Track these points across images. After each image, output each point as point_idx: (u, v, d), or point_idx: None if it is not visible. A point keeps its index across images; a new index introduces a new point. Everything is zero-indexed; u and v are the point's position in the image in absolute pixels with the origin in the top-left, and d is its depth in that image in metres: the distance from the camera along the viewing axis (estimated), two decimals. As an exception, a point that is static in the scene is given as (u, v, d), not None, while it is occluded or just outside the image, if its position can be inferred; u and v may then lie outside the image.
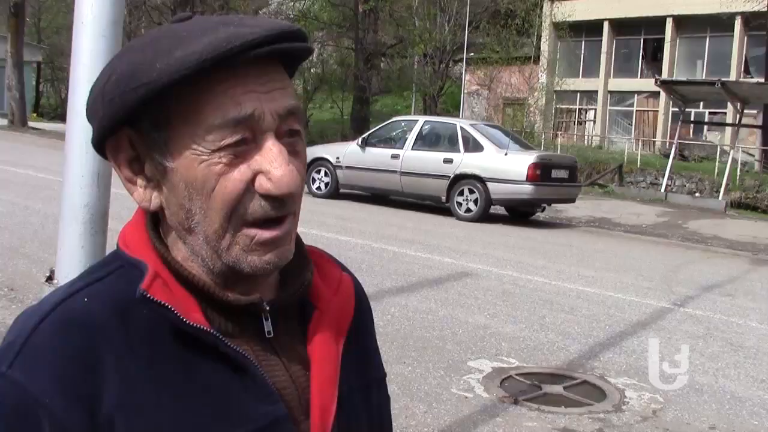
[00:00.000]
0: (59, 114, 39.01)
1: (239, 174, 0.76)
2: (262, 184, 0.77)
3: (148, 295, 0.76)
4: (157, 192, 0.81)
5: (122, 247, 0.83)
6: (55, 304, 0.76)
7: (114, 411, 0.72)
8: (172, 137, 0.77)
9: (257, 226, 0.78)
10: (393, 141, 14.30)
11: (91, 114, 0.80)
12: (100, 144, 0.81)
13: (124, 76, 0.76)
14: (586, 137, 34.49)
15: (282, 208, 0.79)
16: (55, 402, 0.71)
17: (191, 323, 0.76)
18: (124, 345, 0.75)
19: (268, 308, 0.83)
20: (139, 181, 0.82)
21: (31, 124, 29.11)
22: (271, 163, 0.76)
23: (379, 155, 13.90)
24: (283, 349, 0.84)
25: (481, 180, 12.77)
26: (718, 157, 23.46)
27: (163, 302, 0.76)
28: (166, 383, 0.75)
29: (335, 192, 14.37)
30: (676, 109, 24.66)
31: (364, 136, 14.79)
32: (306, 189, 10.71)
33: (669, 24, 32.65)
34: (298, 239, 0.89)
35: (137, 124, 0.79)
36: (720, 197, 18.78)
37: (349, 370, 0.89)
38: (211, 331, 0.77)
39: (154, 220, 0.84)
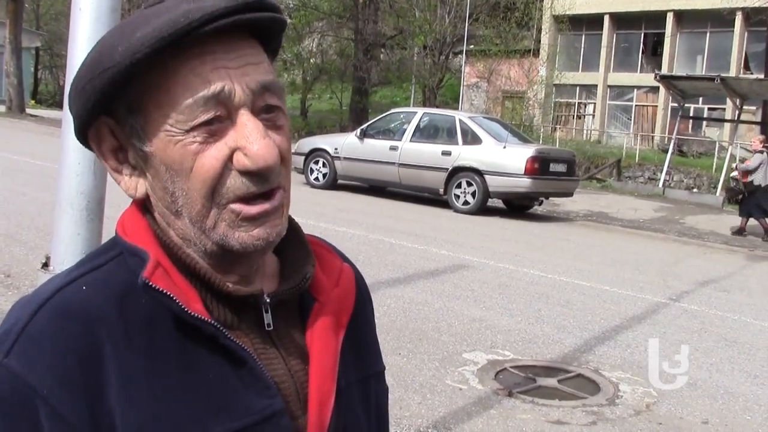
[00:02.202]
0: (57, 101, 38.93)
1: (216, 152, 0.76)
2: (239, 159, 0.76)
3: (151, 284, 0.75)
4: (142, 179, 0.81)
5: (121, 233, 0.82)
6: (53, 292, 0.75)
7: (113, 402, 0.72)
8: (147, 121, 0.77)
9: (242, 202, 0.77)
10: (391, 133, 14.28)
11: (70, 105, 0.80)
12: (82, 135, 0.81)
13: (92, 62, 0.76)
14: (584, 131, 34.50)
15: (265, 183, 0.77)
16: (54, 393, 0.70)
17: (192, 313, 0.75)
18: (123, 335, 0.74)
19: (268, 300, 0.82)
20: (125, 170, 0.81)
21: (28, 110, 29.04)
22: (247, 138, 0.75)
23: (377, 147, 13.89)
24: (282, 342, 0.84)
25: (479, 173, 12.77)
26: (716, 153, 23.48)
27: (165, 291, 0.75)
28: (165, 374, 0.74)
29: (333, 183, 14.37)
30: (676, 105, 24.66)
31: (362, 127, 14.78)
32: (304, 179, 10.72)
33: (669, 18, 32.61)
34: (299, 230, 0.89)
35: (114, 112, 0.78)
36: (717, 193, 18.81)
37: (347, 364, 0.89)
38: (212, 322, 0.76)
39: (146, 209, 0.83)
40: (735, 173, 13.99)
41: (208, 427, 0.75)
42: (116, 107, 0.78)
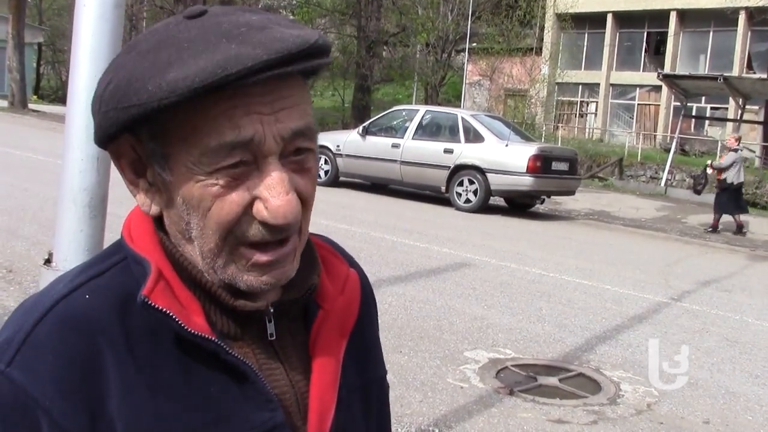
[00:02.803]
0: (60, 96, 38.97)
1: (237, 197, 0.73)
2: (259, 210, 0.74)
3: (150, 303, 0.73)
4: (158, 197, 0.78)
5: (127, 239, 0.80)
6: (57, 300, 0.74)
7: (114, 413, 0.71)
8: (170, 153, 0.74)
9: (255, 248, 0.76)
10: (394, 130, 14.28)
11: (93, 113, 0.77)
12: (103, 146, 0.79)
13: (119, 90, 0.72)
14: (587, 130, 34.47)
15: (282, 233, 0.76)
16: (55, 405, 0.69)
17: (192, 331, 0.74)
18: (125, 347, 0.73)
19: (272, 311, 0.81)
20: (142, 184, 0.79)
21: (31, 106, 29.06)
22: (270, 191, 0.73)
23: (379, 144, 13.88)
24: (285, 352, 0.83)
25: (481, 171, 12.76)
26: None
27: (164, 309, 0.73)
28: (166, 387, 0.74)
29: (335, 180, 14.36)
30: (678, 104, 24.64)
31: (364, 124, 14.79)
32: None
33: (673, 17, 32.56)
34: (308, 238, 0.87)
35: (138, 133, 0.76)
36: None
37: (349, 370, 0.88)
38: (213, 338, 0.75)
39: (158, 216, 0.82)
40: (709, 169, 14.30)
41: None
42: (140, 130, 0.75)
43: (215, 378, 0.76)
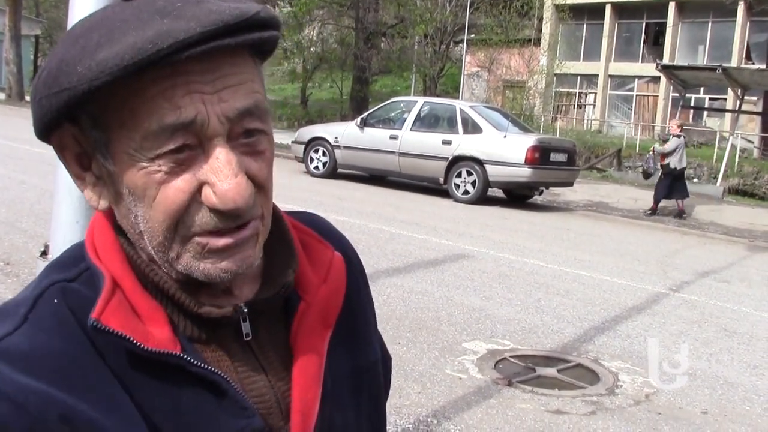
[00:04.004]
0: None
1: (183, 183, 0.69)
2: (207, 196, 0.69)
3: (100, 326, 0.69)
4: (105, 191, 0.74)
5: (88, 246, 0.76)
6: (27, 311, 0.71)
7: (83, 426, 0.67)
8: (111, 139, 0.70)
9: (209, 235, 0.71)
10: (392, 122, 14.26)
11: (31, 107, 0.73)
12: (44, 139, 0.75)
13: (50, 76, 0.69)
14: (585, 121, 34.45)
15: (236, 219, 0.71)
16: (39, 408, 0.66)
17: (150, 349, 0.70)
18: (90, 364, 0.70)
19: (245, 310, 0.77)
20: (88, 178, 0.75)
21: (28, 98, 28.88)
22: (217, 174, 0.69)
23: (377, 136, 13.86)
24: (263, 350, 0.79)
25: (480, 162, 12.76)
26: (717, 143, 23.44)
27: (115, 331, 0.69)
28: (139, 399, 0.71)
29: (333, 172, 14.35)
30: (677, 95, 24.59)
31: (363, 116, 14.75)
32: (303, 168, 10.70)
33: (671, 8, 32.50)
34: (285, 227, 0.83)
35: (78, 121, 0.72)
36: (718, 183, 18.79)
37: (337, 359, 0.84)
38: (174, 353, 0.71)
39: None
40: (651, 152, 14.65)
41: None
42: (80, 117, 0.71)
43: (184, 389, 0.72)
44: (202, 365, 0.73)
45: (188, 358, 0.72)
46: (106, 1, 1.75)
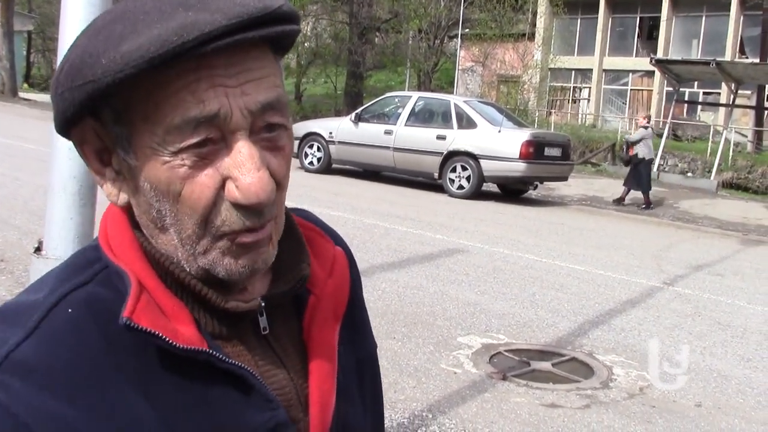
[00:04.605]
0: (50, 84, 38.68)
1: (206, 179, 0.69)
2: (230, 191, 0.69)
3: (132, 324, 0.69)
4: (126, 186, 0.74)
5: (104, 246, 0.75)
6: (39, 320, 0.70)
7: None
8: (133, 133, 0.70)
9: (237, 234, 0.72)
10: (386, 117, 14.25)
11: (51, 98, 0.73)
12: (65, 134, 0.75)
13: (73, 69, 0.68)
14: (579, 116, 34.47)
15: (260, 217, 0.72)
16: (43, 426, 0.65)
17: (181, 346, 0.70)
18: (114, 363, 0.70)
19: (263, 304, 0.78)
20: (108, 173, 0.75)
21: (21, 94, 28.91)
22: (240, 169, 0.69)
23: (372, 131, 13.86)
24: (280, 344, 0.81)
25: (474, 157, 12.76)
26: (710, 137, 23.48)
27: (148, 329, 0.69)
28: (161, 399, 0.71)
29: (327, 167, 14.34)
30: (671, 89, 24.62)
31: (357, 111, 14.75)
32: (298, 164, 10.66)
33: (665, 2, 32.54)
34: (293, 223, 0.84)
35: (100, 116, 0.71)
36: (712, 177, 18.85)
37: (344, 352, 0.86)
38: (204, 349, 0.72)
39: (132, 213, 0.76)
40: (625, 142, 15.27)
41: None
42: (102, 111, 0.71)
43: (212, 385, 0.73)
44: (230, 360, 0.73)
45: (217, 354, 0.72)
46: (98, -3, 1.75)
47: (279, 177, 0.73)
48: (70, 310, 0.71)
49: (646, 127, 14.39)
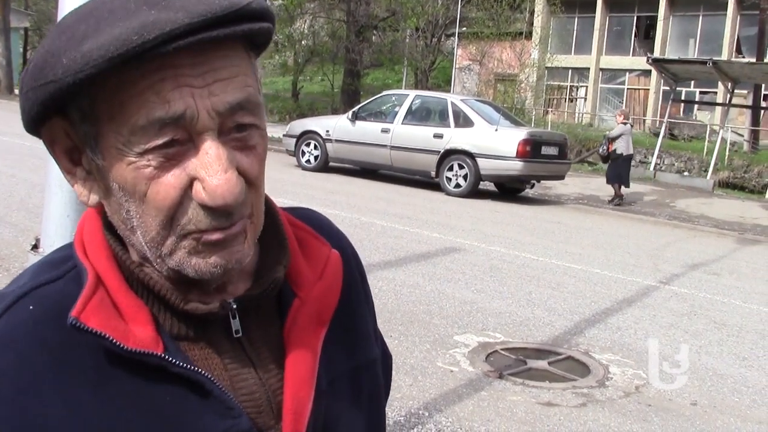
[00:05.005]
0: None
1: (173, 179, 0.68)
2: (197, 192, 0.68)
3: (78, 324, 0.67)
4: (96, 186, 0.73)
5: (77, 243, 0.75)
6: (1, 312, 0.71)
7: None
8: (100, 133, 0.69)
9: (204, 232, 0.70)
10: (383, 115, 14.25)
11: (19, 100, 0.72)
12: (34, 133, 0.73)
13: (36, 68, 0.67)
14: (576, 114, 34.48)
15: (229, 217, 0.70)
16: None
17: (128, 348, 0.69)
18: (68, 364, 0.69)
19: (234, 306, 0.75)
20: (79, 173, 0.74)
21: (17, 91, 28.82)
22: (206, 170, 0.67)
23: (369, 129, 13.86)
24: (255, 347, 0.78)
25: (471, 156, 12.77)
26: (707, 137, 23.50)
27: (94, 330, 0.68)
28: (114, 403, 0.69)
29: (324, 165, 14.34)
30: (667, 88, 24.66)
31: (354, 109, 14.74)
32: (295, 162, 10.67)
33: (662, 2, 32.54)
34: (279, 222, 0.82)
35: (68, 114, 0.70)
36: (708, 177, 18.86)
37: (333, 357, 0.83)
38: (155, 353, 0.70)
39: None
40: (604, 138, 15.20)
41: None
42: (70, 110, 0.70)
43: (168, 389, 0.71)
44: (184, 365, 0.71)
45: (169, 358, 0.70)
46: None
47: (251, 176, 0.72)
48: (31, 307, 0.71)
49: (625, 123, 14.51)
